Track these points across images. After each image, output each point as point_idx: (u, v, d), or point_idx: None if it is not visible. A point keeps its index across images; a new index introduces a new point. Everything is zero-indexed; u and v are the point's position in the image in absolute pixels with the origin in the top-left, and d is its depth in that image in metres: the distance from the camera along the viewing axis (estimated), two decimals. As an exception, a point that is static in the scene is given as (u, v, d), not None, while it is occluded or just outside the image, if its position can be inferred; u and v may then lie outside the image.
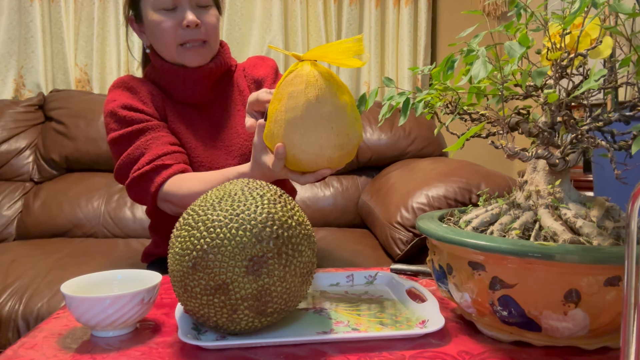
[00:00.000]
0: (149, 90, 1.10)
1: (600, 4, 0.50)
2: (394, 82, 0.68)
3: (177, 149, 1.04)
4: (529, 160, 0.59)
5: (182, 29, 1.04)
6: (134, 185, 1.03)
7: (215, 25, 1.08)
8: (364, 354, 0.57)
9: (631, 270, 0.39)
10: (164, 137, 1.04)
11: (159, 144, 1.02)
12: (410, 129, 2.04)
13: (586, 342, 0.56)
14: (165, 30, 1.04)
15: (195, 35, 1.05)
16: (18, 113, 2.03)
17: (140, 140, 1.03)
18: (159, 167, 1.00)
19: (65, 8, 2.23)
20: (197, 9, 1.06)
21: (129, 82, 1.11)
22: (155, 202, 1.02)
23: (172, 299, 0.77)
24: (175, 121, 1.10)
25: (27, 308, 1.24)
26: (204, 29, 1.06)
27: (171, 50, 1.06)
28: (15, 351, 0.59)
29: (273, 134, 0.77)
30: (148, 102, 1.08)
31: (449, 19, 2.50)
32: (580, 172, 1.81)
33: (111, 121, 1.06)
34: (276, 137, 0.77)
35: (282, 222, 0.59)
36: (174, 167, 1.00)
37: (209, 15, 1.07)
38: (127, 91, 1.09)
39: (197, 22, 1.03)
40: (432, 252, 0.65)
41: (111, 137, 1.06)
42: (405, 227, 1.37)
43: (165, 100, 1.11)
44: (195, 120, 1.12)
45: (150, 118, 1.06)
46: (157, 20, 1.04)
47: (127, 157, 1.03)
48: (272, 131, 0.77)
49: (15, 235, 1.84)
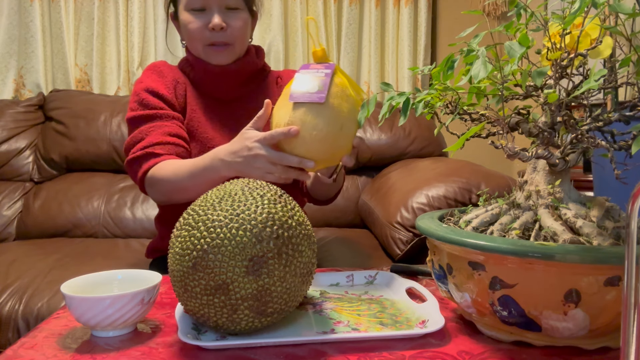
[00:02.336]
0: (175, 78, 1.16)
1: (600, 4, 0.50)
2: (392, 87, 0.68)
3: (173, 140, 1.07)
4: (529, 160, 0.59)
5: (208, 30, 1.08)
6: (127, 167, 1.08)
7: (242, 28, 1.11)
8: (364, 354, 0.57)
9: (631, 270, 0.39)
10: (167, 127, 1.08)
11: (158, 133, 1.06)
12: (410, 129, 2.04)
13: (586, 342, 0.56)
14: (193, 31, 1.09)
15: (220, 37, 1.09)
16: (18, 113, 2.03)
17: (146, 125, 1.08)
18: (149, 154, 1.04)
19: (65, 8, 2.23)
20: (226, 11, 1.10)
21: (160, 66, 1.17)
22: (144, 187, 1.07)
23: (172, 299, 0.77)
24: (197, 111, 1.14)
25: (27, 308, 1.24)
26: (230, 32, 1.10)
27: (198, 48, 1.12)
28: (15, 351, 0.59)
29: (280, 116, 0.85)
30: (171, 88, 1.13)
31: (449, 19, 2.50)
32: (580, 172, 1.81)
33: (133, 100, 1.12)
34: (284, 117, 0.84)
35: (283, 222, 0.59)
36: (164, 157, 1.04)
37: (237, 19, 1.10)
38: (155, 74, 1.15)
39: (223, 26, 1.07)
40: (432, 252, 0.65)
41: (127, 115, 1.12)
42: (405, 227, 1.37)
43: (189, 89, 1.16)
44: (217, 113, 1.16)
45: (165, 107, 1.11)
46: (187, 20, 1.10)
47: (132, 139, 1.08)
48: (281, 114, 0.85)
49: (15, 235, 1.84)
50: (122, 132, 1.96)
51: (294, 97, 0.83)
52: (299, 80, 0.84)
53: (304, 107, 0.82)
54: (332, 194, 1.19)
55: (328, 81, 0.82)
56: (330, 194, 1.19)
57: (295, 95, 0.83)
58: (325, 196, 1.19)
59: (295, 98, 0.82)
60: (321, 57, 0.87)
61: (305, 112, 0.82)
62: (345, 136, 0.84)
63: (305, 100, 0.82)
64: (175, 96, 1.14)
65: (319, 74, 0.84)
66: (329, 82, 0.83)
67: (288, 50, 2.39)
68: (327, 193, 1.17)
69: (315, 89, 0.82)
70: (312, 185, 1.16)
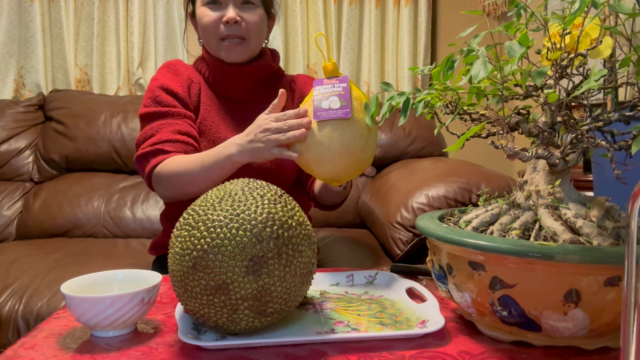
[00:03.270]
0: (190, 77, 1.16)
1: (600, 4, 0.50)
2: (392, 86, 0.69)
3: (183, 138, 1.08)
4: (529, 160, 0.59)
5: (222, 24, 1.09)
6: (136, 162, 1.09)
7: (257, 23, 1.11)
8: (364, 354, 0.57)
9: (631, 270, 0.39)
10: (178, 125, 1.09)
11: (168, 131, 1.07)
12: (410, 129, 2.04)
13: (586, 342, 0.56)
14: (207, 24, 1.10)
15: (235, 31, 1.10)
16: (18, 113, 2.03)
17: (158, 122, 1.09)
18: (158, 151, 1.05)
19: (65, 8, 2.23)
20: (241, 6, 1.11)
21: (175, 65, 1.18)
22: (151, 184, 1.08)
23: (172, 299, 0.77)
24: (210, 110, 1.15)
25: (27, 308, 1.24)
26: (245, 26, 1.10)
27: (212, 43, 1.12)
28: (15, 351, 0.59)
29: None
30: (185, 87, 1.14)
31: (449, 19, 2.50)
32: (580, 172, 1.81)
33: (147, 96, 1.13)
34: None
35: (283, 222, 0.59)
36: (172, 154, 1.05)
37: (252, 14, 1.11)
38: (170, 72, 1.16)
39: (237, 19, 1.08)
40: (432, 252, 0.65)
41: (140, 111, 1.13)
42: (405, 227, 1.37)
43: (203, 89, 1.17)
44: (230, 114, 1.16)
45: (178, 105, 1.12)
46: (202, 14, 1.11)
47: (142, 135, 1.09)
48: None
49: (15, 235, 1.84)
50: (122, 132, 1.96)
51: (318, 115, 0.82)
52: (319, 97, 0.84)
53: (329, 125, 0.82)
54: (339, 200, 1.19)
55: (349, 95, 0.83)
56: (337, 200, 1.19)
57: (320, 113, 0.82)
58: (333, 202, 1.20)
59: (320, 116, 0.82)
60: (332, 71, 0.87)
61: (332, 130, 0.81)
62: (370, 148, 0.85)
63: (331, 117, 0.82)
64: (189, 95, 1.15)
65: (336, 89, 0.84)
66: (349, 96, 0.83)
67: (288, 50, 2.39)
68: (335, 199, 1.18)
69: (337, 105, 0.82)
70: (320, 192, 1.17)
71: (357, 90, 0.86)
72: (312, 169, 0.85)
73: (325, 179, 0.87)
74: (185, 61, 2.24)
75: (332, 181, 0.88)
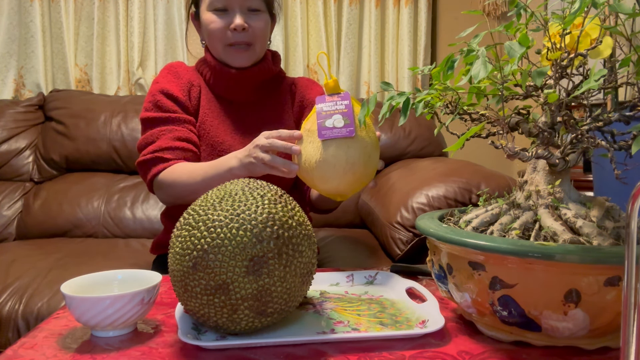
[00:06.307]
0: (190, 80, 1.17)
1: (600, 4, 0.50)
2: (393, 86, 0.69)
3: (182, 145, 1.08)
4: (529, 160, 0.59)
5: (230, 31, 1.10)
6: (138, 168, 1.11)
7: (263, 29, 1.13)
8: (364, 354, 0.57)
9: (631, 270, 0.39)
10: (178, 131, 1.10)
11: (168, 138, 1.08)
12: (410, 129, 2.04)
13: (586, 342, 0.56)
14: (214, 30, 1.11)
15: (242, 38, 1.11)
16: (18, 113, 2.03)
17: (158, 128, 1.10)
18: (158, 159, 1.07)
19: (65, 8, 2.23)
20: (247, 12, 1.11)
21: (176, 67, 1.19)
22: (152, 190, 1.10)
23: (172, 299, 0.77)
24: (210, 113, 1.16)
25: (27, 308, 1.24)
26: (251, 32, 1.11)
27: (218, 49, 1.13)
28: (15, 351, 0.59)
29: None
30: (185, 91, 1.15)
31: (449, 19, 2.50)
32: (580, 172, 1.81)
33: (148, 100, 1.14)
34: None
35: (283, 223, 0.59)
36: (171, 162, 1.06)
37: (258, 20, 1.12)
38: (171, 75, 1.17)
39: (245, 26, 1.09)
40: (432, 252, 0.65)
41: (141, 115, 1.14)
42: (405, 227, 1.37)
43: (203, 91, 1.17)
44: (231, 116, 1.17)
45: (178, 109, 1.13)
46: (209, 20, 1.11)
47: (144, 140, 1.11)
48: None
49: (15, 235, 1.84)
50: (122, 132, 1.96)
51: (323, 134, 0.83)
52: (323, 116, 0.85)
53: (334, 143, 0.82)
54: (335, 205, 1.20)
55: (352, 113, 0.84)
56: (333, 206, 1.20)
57: (325, 132, 0.83)
58: (329, 207, 1.21)
59: (325, 135, 0.83)
60: (333, 88, 0.88)
61: (336, 148, 0.82)
62: (373, 163, 0.86)
63: (336, 136, 0.82)
64: (189, 98, 1.15)
65: (339, 107, 0.85)
66: (352, 114, 0.84)
67: (288, 50, 2.39)
68: (331, 204, 1.19)
69: (341, 124, 0.83)
70: (316, 199, 1.18)
71: (358, 105, 0.87)
72: (317, 186, 0.86)
73: (330, 194, 0.88)
74: (186, 62, 2.24)
75: (337, 196, 0.88)
